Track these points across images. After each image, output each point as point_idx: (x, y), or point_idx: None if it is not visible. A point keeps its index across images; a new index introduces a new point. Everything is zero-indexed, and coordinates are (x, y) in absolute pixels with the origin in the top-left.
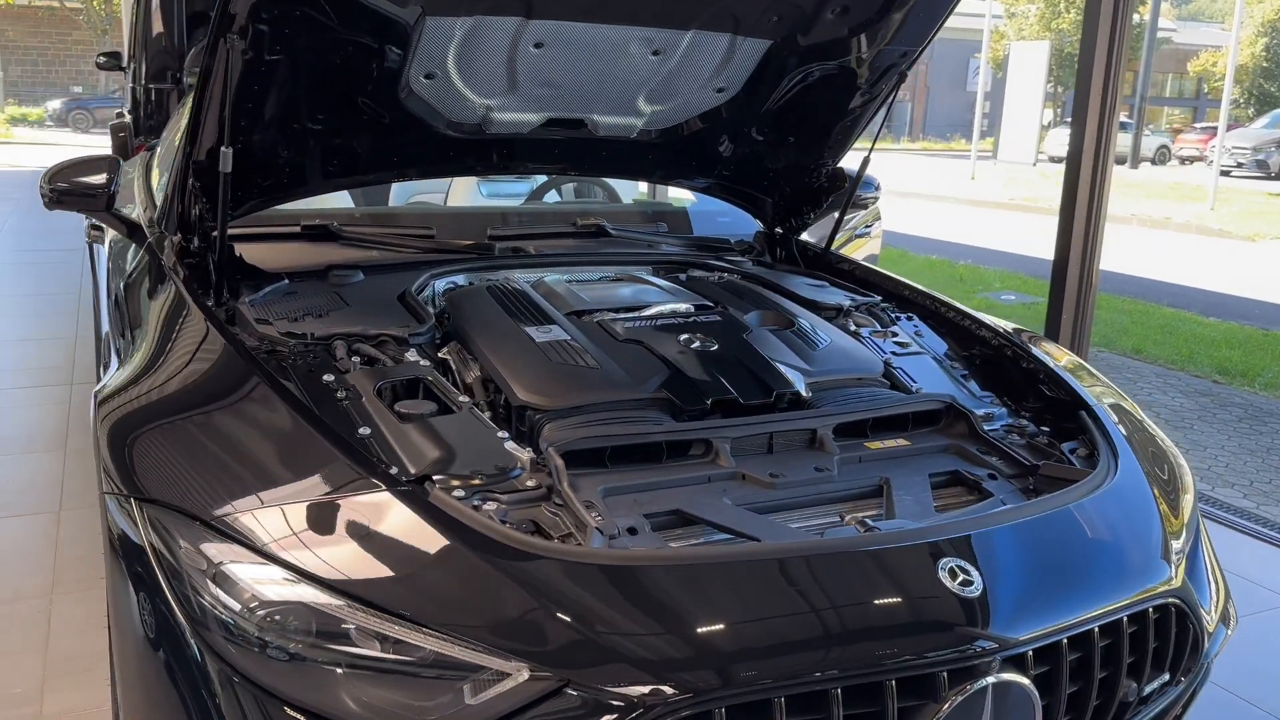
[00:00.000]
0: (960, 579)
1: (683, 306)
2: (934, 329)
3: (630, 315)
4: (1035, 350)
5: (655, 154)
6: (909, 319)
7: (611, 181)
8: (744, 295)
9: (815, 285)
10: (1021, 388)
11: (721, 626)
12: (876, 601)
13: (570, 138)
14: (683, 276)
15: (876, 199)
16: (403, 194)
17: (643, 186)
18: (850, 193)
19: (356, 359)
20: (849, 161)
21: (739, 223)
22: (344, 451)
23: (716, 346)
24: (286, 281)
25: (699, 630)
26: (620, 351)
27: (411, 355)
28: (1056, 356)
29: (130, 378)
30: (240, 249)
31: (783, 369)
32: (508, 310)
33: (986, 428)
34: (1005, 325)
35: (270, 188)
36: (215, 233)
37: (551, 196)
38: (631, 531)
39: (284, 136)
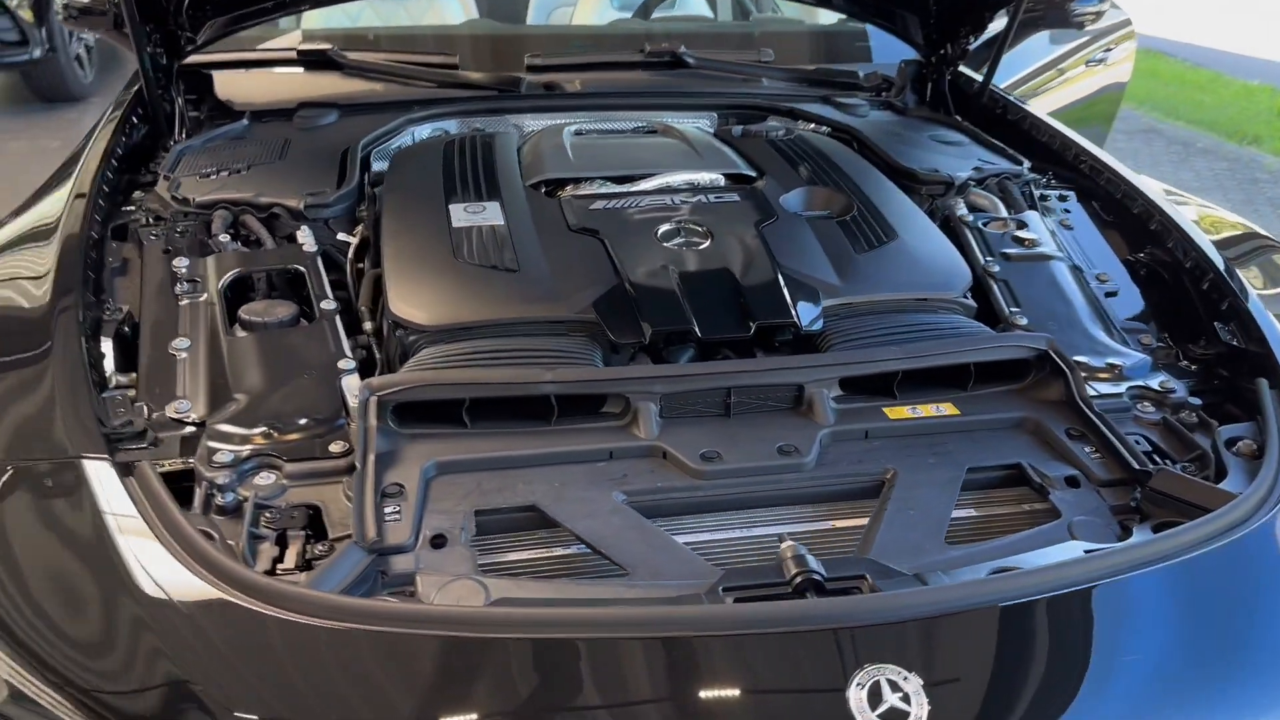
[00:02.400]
0: (887, 704)
1: (705, 178)
2: (1099, 216)
3: (614, 191)
4: (1229, 269)
5: None
6: (1061, 199)
7: None
8: (809, 160)
9: (946, 143)
10: (1198, 324)
11: None
12: None
13: None
14: (738, 130)
15: (1099, 13)
16: (544, 6)
17: None
18: (1018, 7)
19: (226, 237)
20: None
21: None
22: (99, 389)
23: (708, 245)
24: (244, 122)
25: None
26: (563, 246)
27: (304, 234)
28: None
29: None
30: (224, 79)
31: (793, 285)
32: (449, 176)
33: (1103, 390)
34: (1191, 219)
35: (227, 4)
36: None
37: (700, 8)
38: (437, 542)
39: None
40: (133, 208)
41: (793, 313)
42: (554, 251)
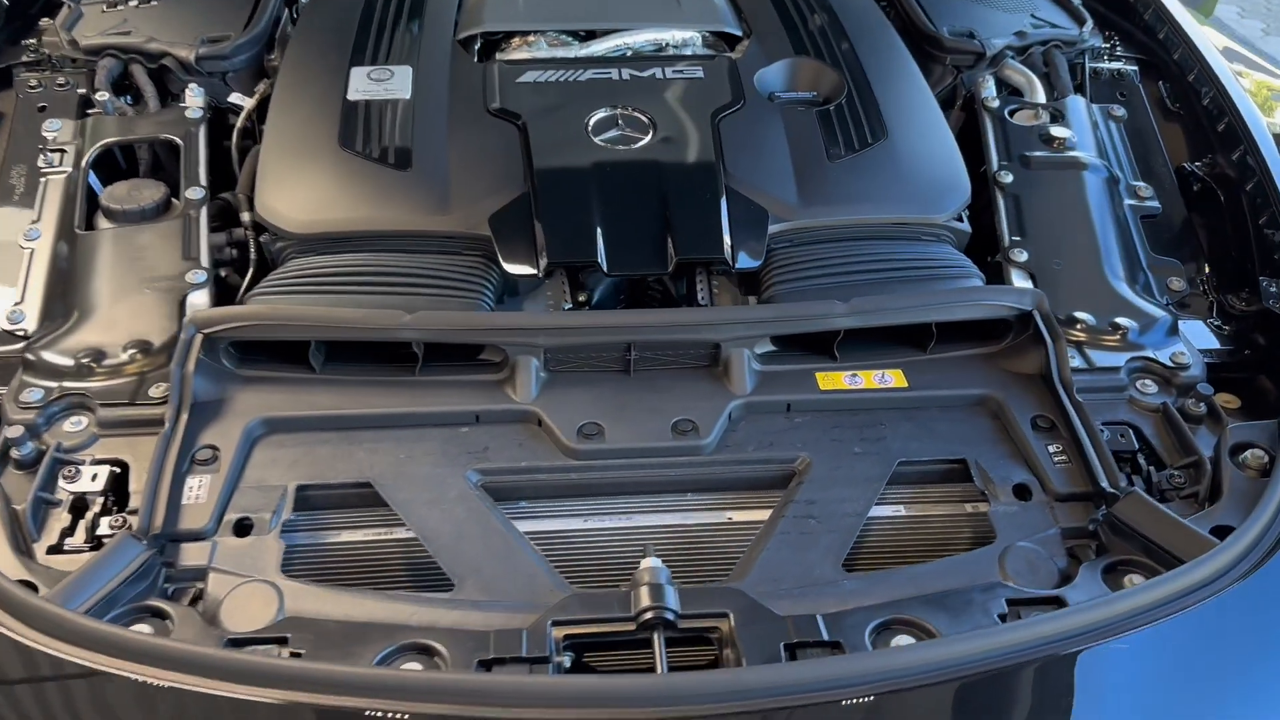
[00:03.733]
0: None
1: (677, 36)
2: (1162, 104)
3: (553, 58)
4: None
5: None
6: (1118, 77)
7: None
8: (810, 15)
9: None
10: (1248, 267)
11: None
12: None
13: None
14: None
15: None
16: None
17: None
18: None
19: (106, 94)
20: None
21: None
22: None
23: (646, 141)
24: None
25: None
26: (474, 135)
27: (193, 93)
28: None
29: None
30: None
31: (737, 206)
32: (365, 24)
33: (1099, 361)
34: None
35: None
36: None
37: None
38: (242, 528)
39: None
40: (34, 42)
41: (725, 247)
42: (461, 142)
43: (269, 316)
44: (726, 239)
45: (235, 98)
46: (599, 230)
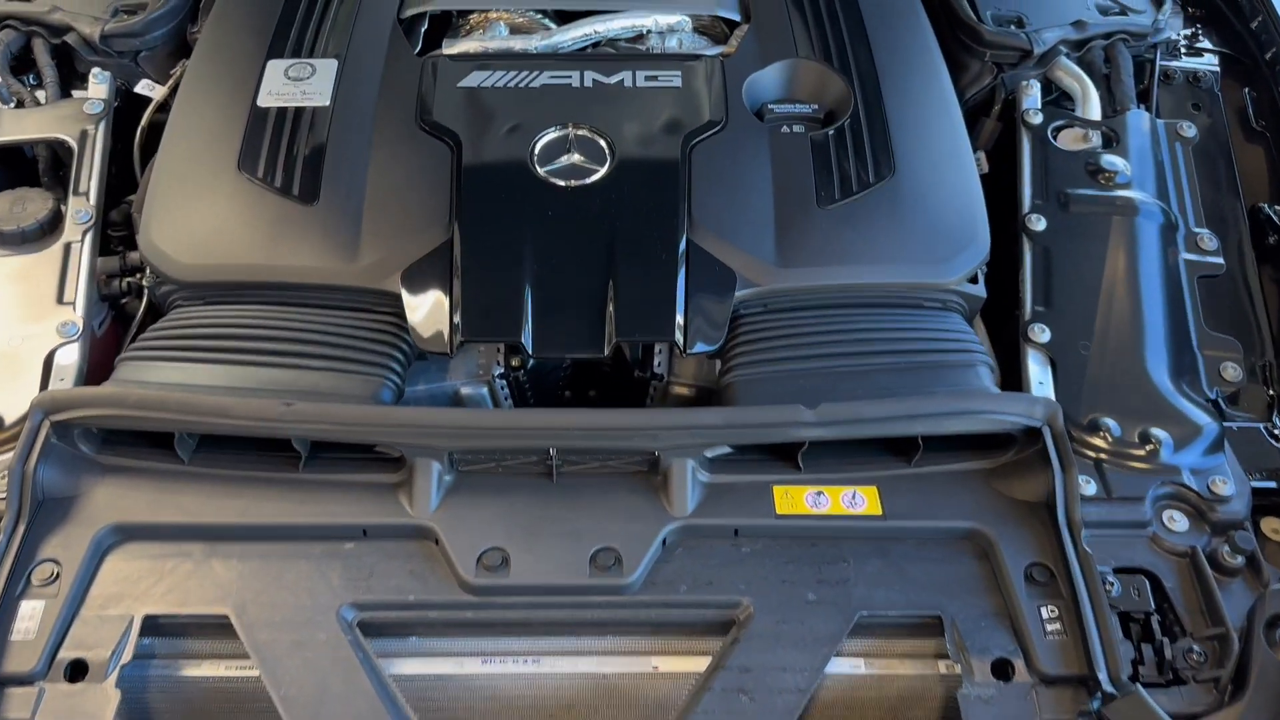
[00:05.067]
0: None
1: (662, 21)
2: (1244, 118)
3: (504, 51)
4: None
5: None
6: (1194, 80)
7: None
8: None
9: None
10: None
11: None
12: None
13: None
14: None
15: None
16: None
17: None
18: None
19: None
20: None
21: None
22: None
23: (599, 177)
24: None
25: None
26: (399, 158)
27: (97, 80)
28: None
29: None
30: None
31: (699, 269)
32: (293, 1)
33: (1118, 487)
34: None
35: None
36: None
37: None
38: (76, 671)
39: None
40: None
41: (677, 328)
42: (382, 167)
43: (127, 403)
44: (680, 315)
45: (144, 86)
46: (528, 296)
